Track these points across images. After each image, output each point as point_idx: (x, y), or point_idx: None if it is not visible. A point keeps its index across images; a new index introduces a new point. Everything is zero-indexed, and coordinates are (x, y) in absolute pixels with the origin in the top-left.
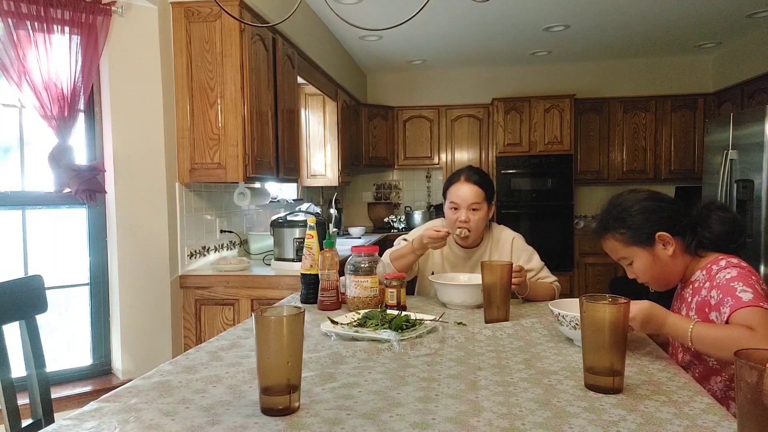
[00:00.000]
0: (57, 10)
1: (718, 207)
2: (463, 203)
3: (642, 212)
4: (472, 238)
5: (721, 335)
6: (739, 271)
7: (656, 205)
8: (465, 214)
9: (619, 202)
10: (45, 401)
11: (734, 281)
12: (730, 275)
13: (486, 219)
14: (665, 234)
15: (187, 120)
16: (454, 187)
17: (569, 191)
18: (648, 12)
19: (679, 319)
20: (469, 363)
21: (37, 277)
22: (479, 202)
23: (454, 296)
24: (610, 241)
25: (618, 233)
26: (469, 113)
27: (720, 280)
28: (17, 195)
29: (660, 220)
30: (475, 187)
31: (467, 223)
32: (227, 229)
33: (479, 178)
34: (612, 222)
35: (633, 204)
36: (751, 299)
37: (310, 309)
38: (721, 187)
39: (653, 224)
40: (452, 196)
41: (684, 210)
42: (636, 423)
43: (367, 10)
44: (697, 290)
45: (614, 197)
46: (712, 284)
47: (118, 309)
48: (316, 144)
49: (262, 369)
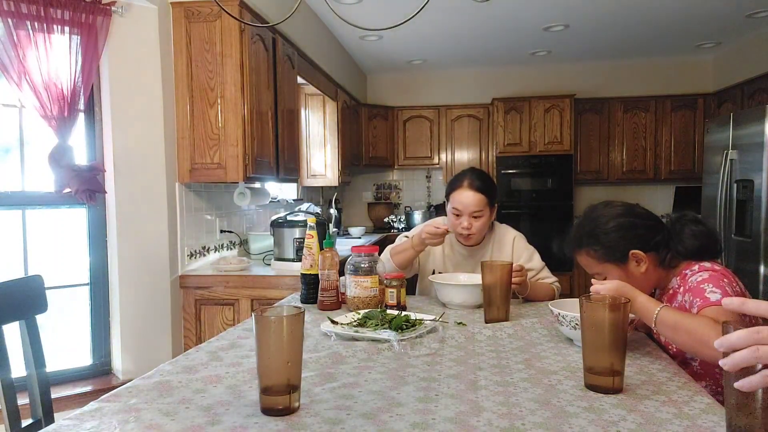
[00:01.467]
0: (57, 10)
1: (690, 220)
2: (466, 210)
3: (616, 230)
4: (475, 239)
5: (684, 320)
6: (710, 273)
7: (630, 221)
8: (467, 221)
9: (594, 217)
10: (45, 401)
11: (704, 283)
12: (702, 278)
13: (488, 223)
14: (639, 252)
15: (187, 120)
16: (456, 193)
17: (569, 191)
18: (648, 12)
19: (647, 300)
20: (469, 363)
21: (37, 277)
22: (481, 209)
23: (454, 296)
24: (584, 257)
25: (592, 250)
26: (469, 113)
27: (692, 283)
28: (17, 195)
29: (633, 237)
30: (478, 195)
31: (469, 229)
32: (227, 229)
33: (481, 184)
34: (586, 238)
35: (607, 221)
36: (718, 299)
37: (310, 309)
38: (721, 187)
39: (627, 242)
40: (455, 202)
41: (658, 225)
42: (636, 423)
43: (367, 10)
44: (673, 296)
45: (588, 210)
46: (685, 288)
47: (118, 309)
48: (316, 144)
49: (262, 369)
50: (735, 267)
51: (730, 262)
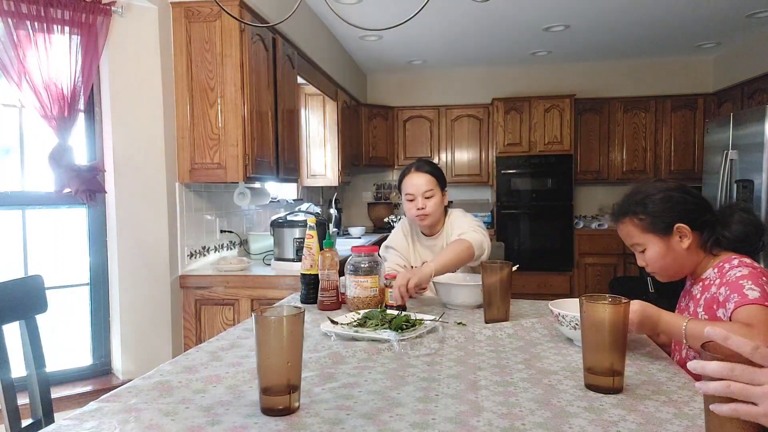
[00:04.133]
0: (57, 10)
1: (741, 208)
2: (418, 191)
3: (665, 201)
4: (430, 221)
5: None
6: (750, 270)
7: (681, 196)
8: (421, 202)
9: (644, 188)
10: (45, 401)
11: (744, 279)
12: (741, 273)
13: (442, 204)
14: (684, 226)
15: (187, 120)
16: (406, 180)
17: (569, 191)
18: (648, 12)
19: (672, 316)
20: (469, 363)
21: (37, 277)
22: (432, 188)
23: (453, 296)
24: (627, 226)
25: (637, 218)
26: (469, 113)
27: (730, 277)
28: (17, 195)
29: (682, 211)
30: (427, 176)
31: (424, 210)
32: (227, 229)
33: (429, 168)
34: (633, 206)
35: (658, 191)
36: (757, 297)
37: (310, 309)
38: (721, 187)
39: (674, 214)
40: (407, 188)
41: (708, 207)
42: (636, 423)
43: (367, 10)
44: (707, 287)
45: (640, 184)
46: (722, 281)
47: (118, 309)
48: (316, 144)
49: (262, 369)
50: None
51: None
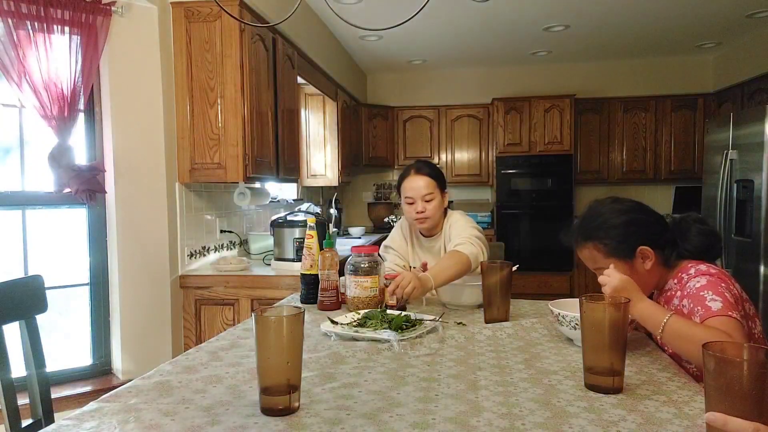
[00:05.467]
0: (57, 10)
1: (695, 220)
2: (417, 194)
3: (627, 225)
4: (430, 224)
5: (697, 332)
6: (708, 279)
7: (642, 217)
8: (421, 205)
9: (603, 211)
10: (45, 401)
11: (704, 290)
12: (700, 284)
13: (442, 206)
14: (647, 248)
15: (187, 120)
16: (406, 182)
17: (569, 191)
18: (648, 12)
19: (655, 308)
20: (469, 363)
21: (37, 277)
22: (432, 191)
23: (454, 296)
24: (591, 251)
25: (600, 243)
26: (469, 113)
27: (690, 289)
28: (17, 195)
29: (645, 234)
30: (426, 178)
31: (423, 213)
32: (227, 229)
33: (429, 170)
34: (594, 231)
35: (618, 215)
36: (720, 308)
37: (310, 309)
38: (721, 187)
39: (636, 238)
40: (406, 191)
41: (665, 223)
42: (636, 423)
43: (367, 10)
44: (669, 299)
45: (596, 204)
46: (683, 293)
47: (118, 309)
48: (316, 144)
49: (262, 369)
50: (735, 267)
51: (730, 262)
